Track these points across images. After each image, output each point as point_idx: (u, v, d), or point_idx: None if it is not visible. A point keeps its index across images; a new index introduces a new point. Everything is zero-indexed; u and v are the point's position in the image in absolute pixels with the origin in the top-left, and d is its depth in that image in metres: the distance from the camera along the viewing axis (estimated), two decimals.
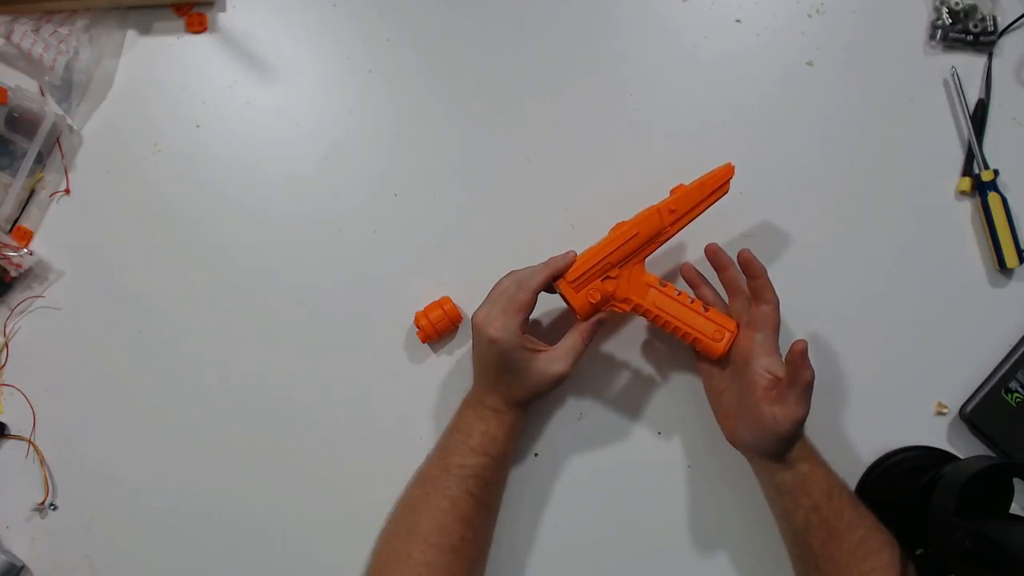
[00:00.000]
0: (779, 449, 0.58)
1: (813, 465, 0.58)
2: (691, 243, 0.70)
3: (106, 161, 0.72)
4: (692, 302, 0.61)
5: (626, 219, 0.62)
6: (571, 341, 0.61)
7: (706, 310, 0.61)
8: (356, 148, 0.72)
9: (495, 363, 0.59)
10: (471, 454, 0.59)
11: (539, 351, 0.61)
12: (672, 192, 0.62)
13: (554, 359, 0.60)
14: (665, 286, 0.61)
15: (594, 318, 0.61)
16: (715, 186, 0.62)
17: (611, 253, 0.60)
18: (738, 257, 0.61)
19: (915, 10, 0.73)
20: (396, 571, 0.57)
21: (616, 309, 0.61)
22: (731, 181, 0.62)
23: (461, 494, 0.58)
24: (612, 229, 0.62)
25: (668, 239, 0.62)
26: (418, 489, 0.60)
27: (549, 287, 0.60)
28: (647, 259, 0.62)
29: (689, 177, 0.63)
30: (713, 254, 0.63)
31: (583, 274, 0.60)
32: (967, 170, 0.70)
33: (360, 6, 0.74)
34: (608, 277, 0.60)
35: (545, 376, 0.60)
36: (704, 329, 0.61)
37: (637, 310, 0.61)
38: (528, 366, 0.59)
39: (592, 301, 0.60)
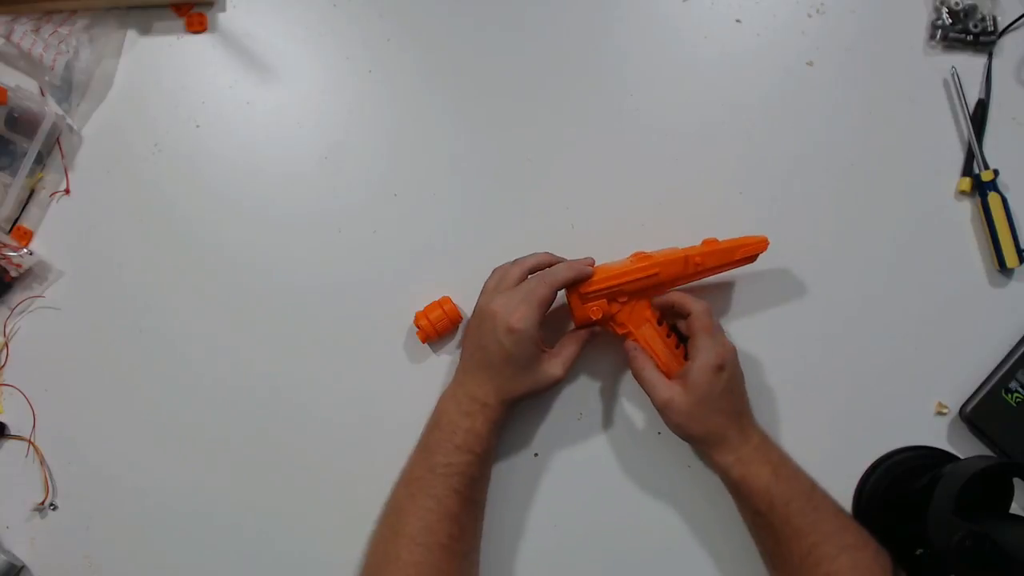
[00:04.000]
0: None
1: (749, 470, 0.58)
2: (689, 240, 0.69)
3: (106, 161, 0.72)
4: (678, 347, 0.63)
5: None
6: (569, 347, 0.62)
7: (687, 358, 0.62)
8: (356, 148, 0.72)
9: (504, 354, 0.59)
10: (456, 452, 0.59)
11: (545, 350, 0.61)
12: (704, 243, 0.64)
13: (554, 363, 0.61)
14: (661, 325, 0.63)
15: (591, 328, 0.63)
16: (746, 255, 0.64)
17: (629, 283, 0.61)
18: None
19: (915, 10, 0.73)
20: (386, 573, 0.57)
21: (610, 329, 0.63)
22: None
23: (447, 492, 0.58)
24: (633, 256, 0.64)
25: (682, 285, 0.63)
26: (403, 490, 0.60)
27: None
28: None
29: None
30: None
31: (598, 291, 0.61)
32: (967, 170, 0.70)
33: (360, 6, 0.74)
34: (616, 300, 0.62)
35: (544, 377, 0.61)
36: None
37: (628, 336, 0.63)
38: (534, 365, 0.60)
39: (593, 317, 0.62)
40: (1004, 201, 0.68)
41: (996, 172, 0.69)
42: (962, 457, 0.66)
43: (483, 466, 0.61)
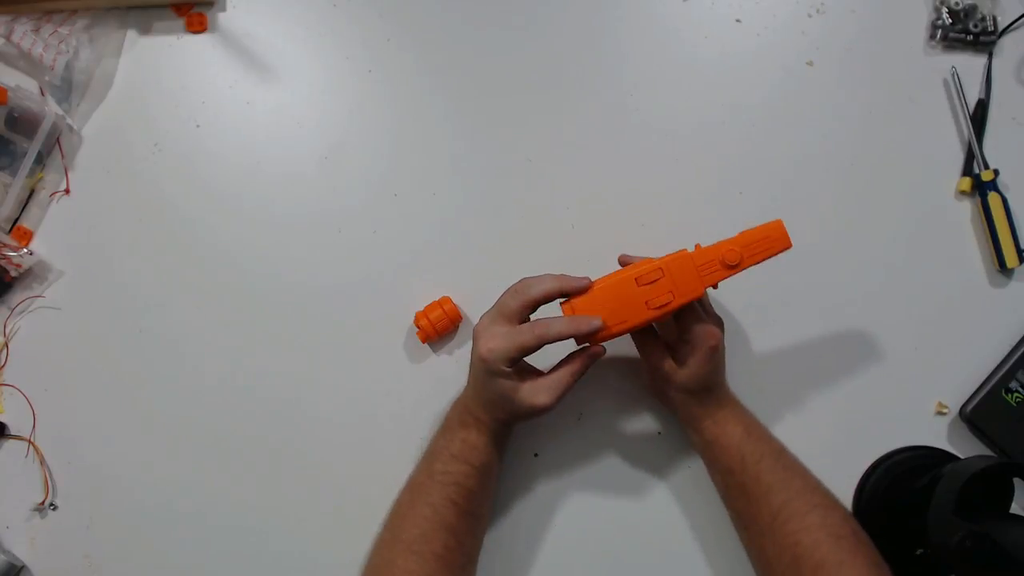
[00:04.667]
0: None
1: (724, 429, 0.59)
2: (690, 240, 0.70)
3: (106, 161, 0.72)
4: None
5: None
6: (559, 375, 0.58)
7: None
8: (356, 148, 0.72)
9: (481, 378, 0.58)
10: (452, 461, 0.59)
11: (525, 379, 0.58)
12: (719, 249, 0.58)
13: (538, 390, 0.57)
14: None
15: (588, 352, 0.58)
16: (768, 258, 0.59)
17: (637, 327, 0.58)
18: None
19: (915, 10, 0.73)
20: None
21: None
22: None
23: (443, 502, 0.57)
24: (638, 278, 0.57)
25: None
26: (406, 495, 0.60)
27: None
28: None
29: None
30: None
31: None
32: (967, 170, 0.70)
33: (360, 6, 0.74)
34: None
35: (526, 406, 0.57)
36: None
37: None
38: (510, 395, 0.57)
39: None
40: (1004, 201, 0.68)
41: (996, 172, 0.69)
42: (962, 457, 0.66)
43: (482, 479, 0.59)
